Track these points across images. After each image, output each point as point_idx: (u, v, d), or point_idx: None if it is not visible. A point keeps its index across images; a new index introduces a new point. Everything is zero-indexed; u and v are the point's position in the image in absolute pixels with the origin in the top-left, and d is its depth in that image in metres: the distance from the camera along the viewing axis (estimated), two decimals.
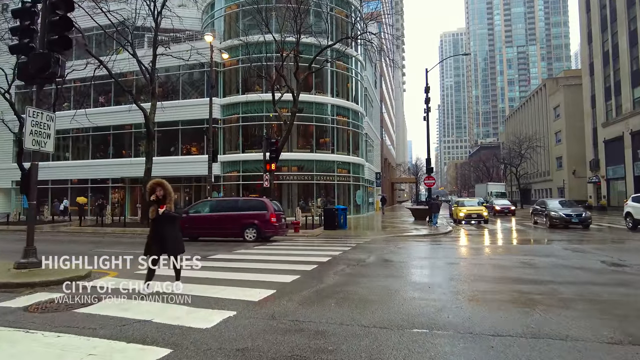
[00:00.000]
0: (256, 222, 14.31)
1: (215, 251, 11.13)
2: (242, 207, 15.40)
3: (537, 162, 59.46)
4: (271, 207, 14.64)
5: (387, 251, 11.54)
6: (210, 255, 10.03)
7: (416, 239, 16.29)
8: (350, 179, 31.89)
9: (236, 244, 13.64)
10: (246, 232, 14.30)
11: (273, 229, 14.41)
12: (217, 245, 13.17)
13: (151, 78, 24.42)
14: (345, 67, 32.09)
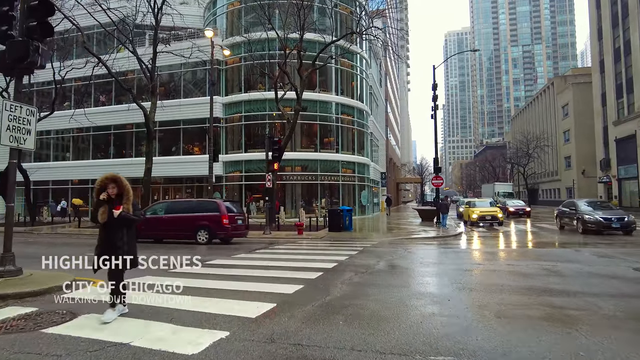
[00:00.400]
0: (208, 223, 14.10)
1: (213, 255, 10.44)
2: (195, 209, 15.16)
3: (544, 162, 58.46)
4: (224, 208, 14.38)
5: (397, 256, 10.81)
6: (208, 261, 9.35)
7: (425, 241, 15.55)
8: (355, 179, 31.15)
9: (238, 247, 12.97)
10: (198, 234, 14.08)
11: (225, 230, 14.13)
12: (215, 249, 12.50)
13: (151, 76, 23.83)
14: (350, 65, 31.37)
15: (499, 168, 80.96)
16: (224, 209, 14.31)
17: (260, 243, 14.72)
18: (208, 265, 8.63)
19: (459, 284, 6.98)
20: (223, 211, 14.21)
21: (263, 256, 10.74)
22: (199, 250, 12.12)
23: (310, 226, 19.22)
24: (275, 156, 18.28)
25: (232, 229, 14.38)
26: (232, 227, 14.34)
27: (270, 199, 20.18)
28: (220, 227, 14.03)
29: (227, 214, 14.18)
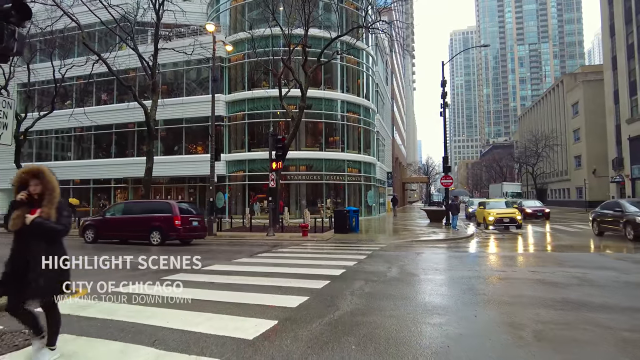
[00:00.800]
0: (160, 225, 14.11)
1: (212, 260, 9.73)
2: (150, 210, 15.15)
3: (553, 161, 57.35)
4: (176, 209, 14.35)
5: (409, 261, 10.05)
6: (206, 266, 8.64)
7: (437, 244, 14.77)
8: (361, 179, 30.38)
9: (238, 252, 12.25)
10: (152, 235, 14.07)
11: (176, 232, 14.11)
12: (215, 253, 11.79)
13: (152, 73, 23.17)
14: (356, 62, 30.61)
15: (507, 168, 79.87)
16: (177, 210, 14.33)
17: (263, 245, 14.02)
18: (205, 271, 7.91)
19: (483, 295, 6.21)
20: (175, 212, 14.22)
21: (265, 261, 10.01)
22: (194, 253, 11.42)
23: (316, 227, 18.49)
24: (279, 155, 17.55)
25: (185, 231, 14.37)
26: (185, 228, 14.35)
27: (274, 200, 19.47)
28: (172, 228, 14.03)
29: (179, 216, 14.17)
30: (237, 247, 13.68)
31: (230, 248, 13.47)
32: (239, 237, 17.18)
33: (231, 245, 14.74)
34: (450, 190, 24.55)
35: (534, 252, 12.78)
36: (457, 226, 21.11)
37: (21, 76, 26.35)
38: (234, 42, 28.90)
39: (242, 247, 13.72)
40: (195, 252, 11.76)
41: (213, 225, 18.14)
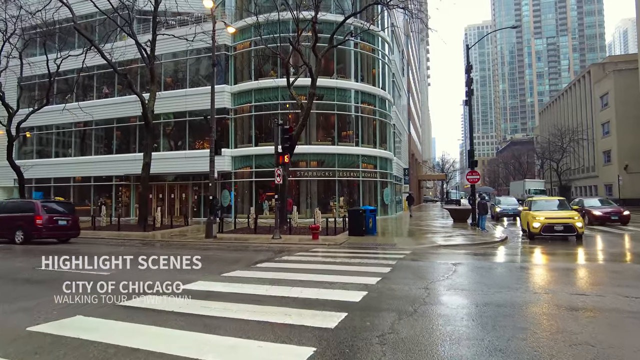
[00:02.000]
0: (23, 224, 14.36)
1: (198, 274, 7.69)
2: (16, 209, 15.34)
3: (579, 157, 54.21)
4: (39, 208, 14.53)
5: (447, 275, 7.85)
6: (190, 282, 6.60)
7: (470, 250, 12.51)
8: (377, 175, 28.14)
9: (224, 265, 10.21)
10: (16, 234, 14.32)
11: (38, 231, 14.27)
12: (209, 262, 9.74)
13: (150, 61, 21.41)
14: (371, 48, 28.34)
15: (527, 164, 76.69)
16: (40, 210, 14.48)
17: (266, 251, 11.99)
18: (183, 292, 5.86)
19: (591, 346, 4.00)
20: (38, 212, 14.37)
21: (262, 275, 7.95)
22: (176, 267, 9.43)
23: (327, 229, 16.40)
24: (286, 147, 15.49)
25: (49, 230, 14.46)
26: (49, 227, 14.41)
27: (281, 198, 17.51)
28: (34, 227, 14.16)
29: (42, 215, 14.32)
30: (236, 254, 11.67)
31: (227, 255, 11.47)
32: (242, 240, 15.19)
33: (230, 250, 12.72)
34: (479, 187, 22.17)
35: (602, 262, 10.45)
36: (486, 227, 18.80)
37: (24, 69, 24.86)
38: (240, 29, 27.00)
39: (241, 254, 11.70)
40: (184, 259, 9.78)
41: (213, 227, 16.19)
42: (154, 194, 29.83)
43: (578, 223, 14.02)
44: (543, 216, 14.71)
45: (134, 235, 17.85)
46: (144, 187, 21.16)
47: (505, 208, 25.85)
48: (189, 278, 6.96)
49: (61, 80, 31.78)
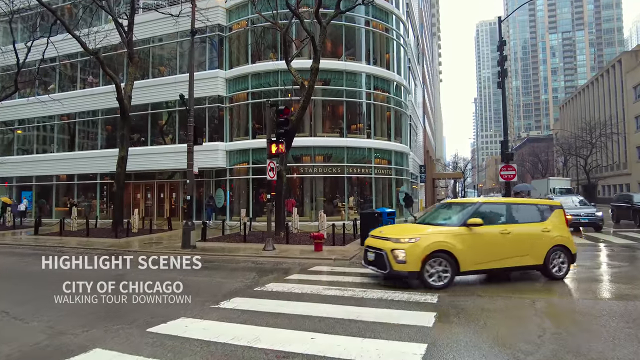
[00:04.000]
0: None
1: (125, 325, 4.41)
2: None
3: (609, 153, 50.05)
4: None
5: (542, 337, 4.45)
6: None
7: None
8: (392, 172, 24.67)
9: None
10: None
11: None
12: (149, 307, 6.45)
13: (128, 36, 18.20)
14: (384, 28, 24.87)
15: (547, 162, 72.49)
16: None
17: (250, 271, 8.67)
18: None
19: None
20: None
21: (220, 333, 4.62)
22: (80, 314, 6.15)
23: (334, 236, 13.02)
24: (281, 133, 12.19)
25: None
26: None
27: (277, 198, 14.27)
28: None
29: None
30: (203, 277, 8.32)
31: (190, 278, 8.12)
32: (224, 253, 11.90)
33: (199, 271, 9.39)
34: (514, 185, 18.64)
35: None
36: None
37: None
38: (236, 6, 23.81)
39: (212, 276, 8.36)
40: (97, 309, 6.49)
41: (192, 234, 12.94)
42: (141, 194, 26.77)
43: None
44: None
45: (100, 244, 14.70)
46: (119, 186, 17.98)
47: (574, 213, 17.09)
48: (80, 343, 3.66)
49: (42, 70, 28.91)
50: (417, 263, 6.86)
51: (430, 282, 6.90)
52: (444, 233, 7.33)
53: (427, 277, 6.92)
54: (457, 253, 7.00)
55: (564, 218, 8.27)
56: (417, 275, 6.96)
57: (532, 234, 7.75)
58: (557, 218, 8.12)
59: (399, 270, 6.98)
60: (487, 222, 7.46)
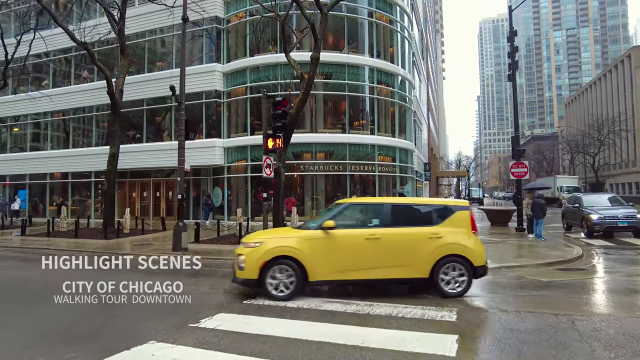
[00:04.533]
0: None
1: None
2: None
3: (618, 150, 48.91)
4: None
5: None
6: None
7: (554, 275, 8.14)
8: (396, 170, 23.73)
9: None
10: None
11: None
12: None
13: (119, 29, 17.30)
14: (388, 19, 23.90)
15: (552, 160, 71.35)
16: None
17: (227, 294, 7.71)
18: None
19: None
20: None
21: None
22: None
23: None
24: (279, 126, 11.28)
25: None
26: None
27: (275, 196, 13.40)
28: None
29: None
30: (189, 287, 7.40)
31: (172, 288, 7.22)
32: (217, 256, 11.00)
33: (186, 277, 8.48)
34: (525, 183, 17.72)
35: None
36: (543, 235, 14.33)
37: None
38: (234, 0, 22.94)
39: (197, 287, 7.39)
40: None
41: (182, 236, 12.06)
42: (137, 193, 25.93)
43: None
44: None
45: (88, 245, 13.85)
46: (110, 184, 17.12)
47: (609, 215, 14.52)
48: None
49: (36, 65, 28.14)
50: (255, 270, 6.15)
51: (271, 292, 6.14)
52: (294, 237, 6.52)
53: (268, 286, 6.16)
54: (304, 260, 6.13)
55: (469, 221, 6.75)
56: (256, 284, 6.23)
57: (412, 240, 6.42)
58: (456, 221, 6.65)
59: (240, 277, 6.31)
60: (353, 226, 6.64)
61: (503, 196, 77.46)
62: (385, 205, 7.06)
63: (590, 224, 14.60)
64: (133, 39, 24.23)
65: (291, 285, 6.14)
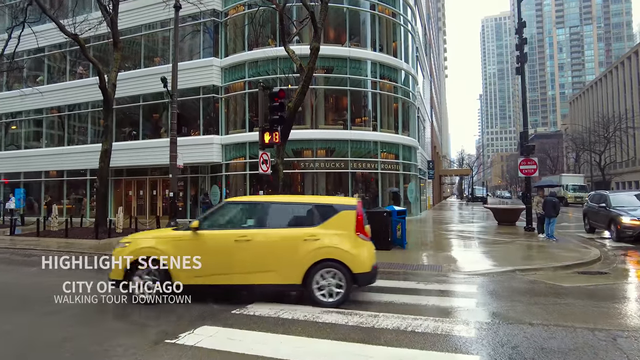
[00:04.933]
0: None
1: None
2: None
3: (625, 148, 48.04)
4: None
5: None
6: None
7: (575, 279, 7.44)
8: (400, 167, 23.01)
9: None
10: None
11: None
12: None
13: (111, 20, 16.62)
14: (391, 12, 23.17)
15: (555, 158, 70.51)
16: None
17: (215, 301, 7.03)
18: None
19: None
20: None
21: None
22: None
23: None
24: (276, 119, 10.60)
25: None
26: None
27: (273, 195, 12.71)
28: None
29: None
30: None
31: None
32: None
33: None
34: (535, 181, 16.92)
35: None
36: (555, 235, 13.60)
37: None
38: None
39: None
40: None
41: None
42: (133, 191, 25.29)
43: None
44: None
45: (78, 246, 13.21)
46: (102, 182, 16.46)
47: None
48: None
49: (30, 61, 27.55)
50: (121, 270, 5.87)
51: (137, 294, 5.82)
52: (162, 238, 6.22)
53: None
54: (167, 262, 5.76)
55: (353, 222, 5.96)
56: (120, 285, 5.86)
57: (285, 242, 5.84)
58: (338, 222, 5.94)
59: (110, 277, 5.94)
60: (226, 226, 6.23)
61: (503, 195, 76.99)
62: (262, 204, 6.51)
63: (620, 227, 12.96)
64: (128, 33, 23.62)
65: (155, 287, 5.78)
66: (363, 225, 6.11)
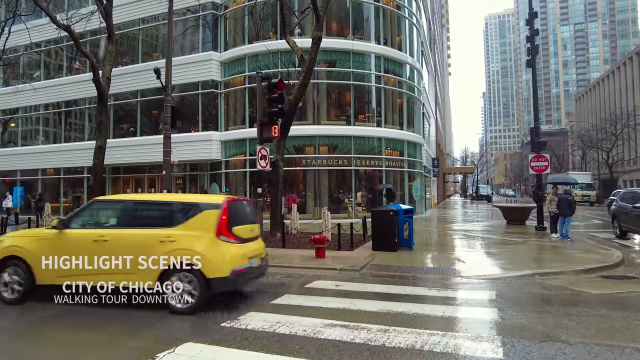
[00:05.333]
0: None
1: None
2: None
3: (632, 143, 47.13)
4: None
5: None
6: None
7: (600, 285, 6.77)
8: (404, 164, 22.33)
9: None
10: None
11: None
12: None
13: (105, 10, 15.97)
14: (396, 5, 22.47)
15: (561, 156, 69.63)
16: None
17: (205, 310, 6.39)
18: None
19: None
20: None
21: None
22: None
23: (340, 239, 10.70)
24: (275, 112, 9.97)
25: None
26: None
27: (272, 192, 12.12)
28: None
29: None
30: None
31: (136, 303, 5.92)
32: None
33: None
34: (547, 178, 16.26)
35: None
36: (570, 235, 12.88)
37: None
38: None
39: None
40: None
41: None
42: (131, 189, 24.73)
43: None
44: None
45: None
46: (96, 180, 15.82)
47: None
48: None
49: (26, 57, 27.01)
50: None
51: (3, 294, 5.75)
52: (30, 237, 6.20)
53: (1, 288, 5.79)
54: (32, 262, 5.64)
55: (214, 223, 5.54)
56: None
57: (141, 243, 5.48)
58: (199, 222, 5.58)
59: None
60: (91, 225, 6.01)
61: (507, 193, 76.10)
62: (125, 203, 6.40)
63: None
64: (126, 27, 23.08)
65: (20, 287, 5.69)
66: (228, 226, 5.63)
